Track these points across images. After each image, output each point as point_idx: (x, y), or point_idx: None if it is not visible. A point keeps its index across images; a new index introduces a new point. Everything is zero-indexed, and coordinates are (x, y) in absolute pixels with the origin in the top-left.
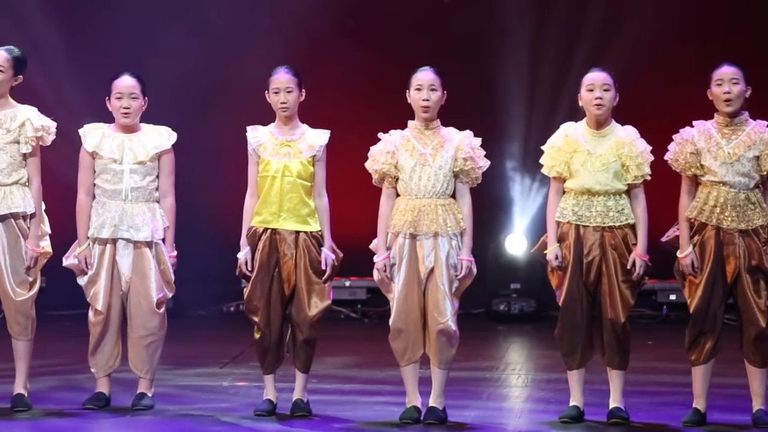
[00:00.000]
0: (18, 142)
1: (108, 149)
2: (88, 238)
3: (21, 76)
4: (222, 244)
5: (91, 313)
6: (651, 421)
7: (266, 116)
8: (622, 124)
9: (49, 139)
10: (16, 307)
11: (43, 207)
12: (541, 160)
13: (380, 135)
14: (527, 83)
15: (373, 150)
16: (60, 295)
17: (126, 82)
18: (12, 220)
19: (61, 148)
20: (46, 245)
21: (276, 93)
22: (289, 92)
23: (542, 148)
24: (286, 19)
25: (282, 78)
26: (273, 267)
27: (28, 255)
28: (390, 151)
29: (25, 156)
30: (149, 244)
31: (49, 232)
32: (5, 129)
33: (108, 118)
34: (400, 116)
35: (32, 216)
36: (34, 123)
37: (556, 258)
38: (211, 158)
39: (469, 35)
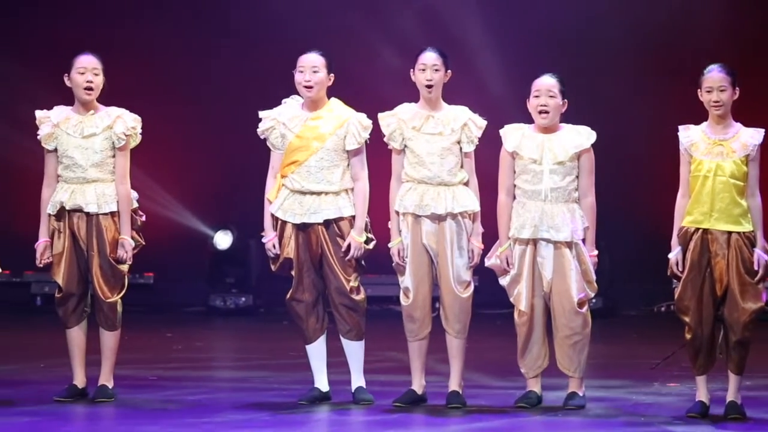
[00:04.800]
0: (459, 142)
1: (528, 149)
2: (509, 238)
3: (450, 71)
4: (653, 243)
5: (516, 314)
6: None
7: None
8: None
9: None
10: (460, 305)
11: None
12: None
13: None
14: None
15: None
16: (490, 294)
17: (546, 82)
18: (460, 218)
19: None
20: None
21: (708, 92)
22: (722, 91)
23: None
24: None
25: (715, 77)
26: (704, 267)
27: (474, 254)
28: None
29: (465, 155)
30: (569, 245)
31: None
32: (450, 129)
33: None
34: None
35: (475, 215)
36: (477, 123)
37: None
38: (638, 158)
39: None
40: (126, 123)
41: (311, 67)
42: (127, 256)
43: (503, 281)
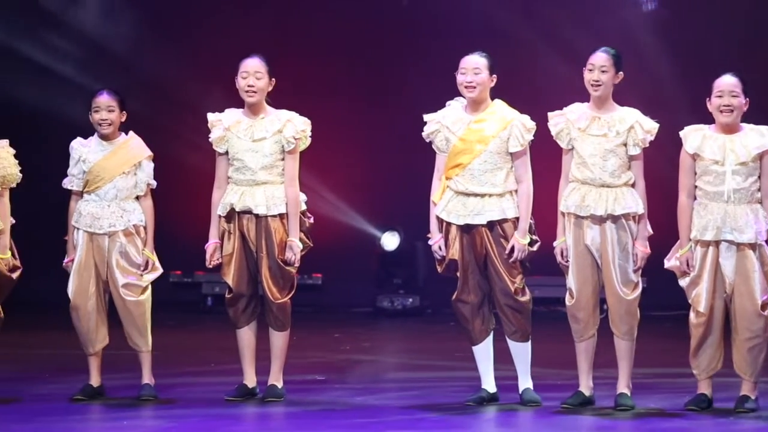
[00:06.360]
0: (626, 145)
1: (709, 150)
2: (690, 240)
3: (621, 73)
4: None
5: (692, 315)
6: None
7: None
8: None
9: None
10: (626, 307)
11: None
12: None
13: None
14: None
15: None
16: (660, 296)
17: (728, 81)
18: (623, 220)
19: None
20: None
21: None
22: None
23: None
24: None
25: None
26: None
27: (638, 257)
28: None
29: (631, 158)
30: (753, 246)
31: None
32: (615, 131)
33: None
34: None
35: (641, 217)
36: (644, 126)
37: None
38: None
39: None
40: (296, 126)
41: (473, 69)
42: (295, 258)
43: (682, 282)
